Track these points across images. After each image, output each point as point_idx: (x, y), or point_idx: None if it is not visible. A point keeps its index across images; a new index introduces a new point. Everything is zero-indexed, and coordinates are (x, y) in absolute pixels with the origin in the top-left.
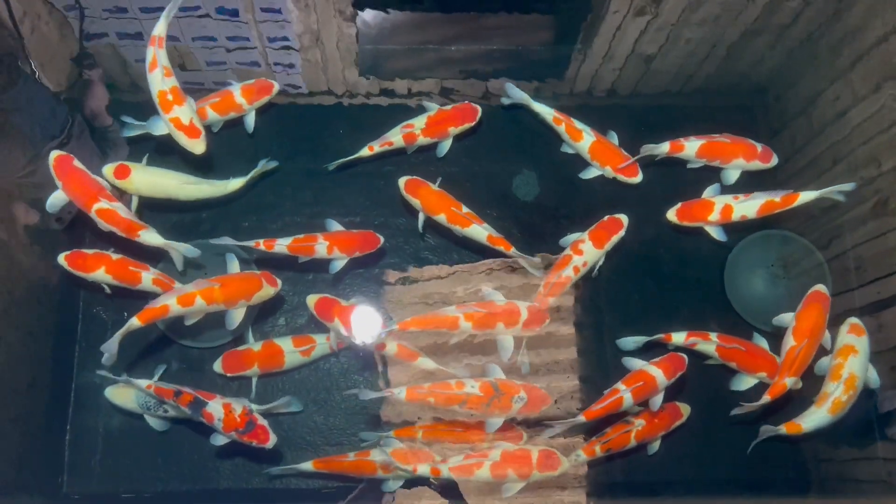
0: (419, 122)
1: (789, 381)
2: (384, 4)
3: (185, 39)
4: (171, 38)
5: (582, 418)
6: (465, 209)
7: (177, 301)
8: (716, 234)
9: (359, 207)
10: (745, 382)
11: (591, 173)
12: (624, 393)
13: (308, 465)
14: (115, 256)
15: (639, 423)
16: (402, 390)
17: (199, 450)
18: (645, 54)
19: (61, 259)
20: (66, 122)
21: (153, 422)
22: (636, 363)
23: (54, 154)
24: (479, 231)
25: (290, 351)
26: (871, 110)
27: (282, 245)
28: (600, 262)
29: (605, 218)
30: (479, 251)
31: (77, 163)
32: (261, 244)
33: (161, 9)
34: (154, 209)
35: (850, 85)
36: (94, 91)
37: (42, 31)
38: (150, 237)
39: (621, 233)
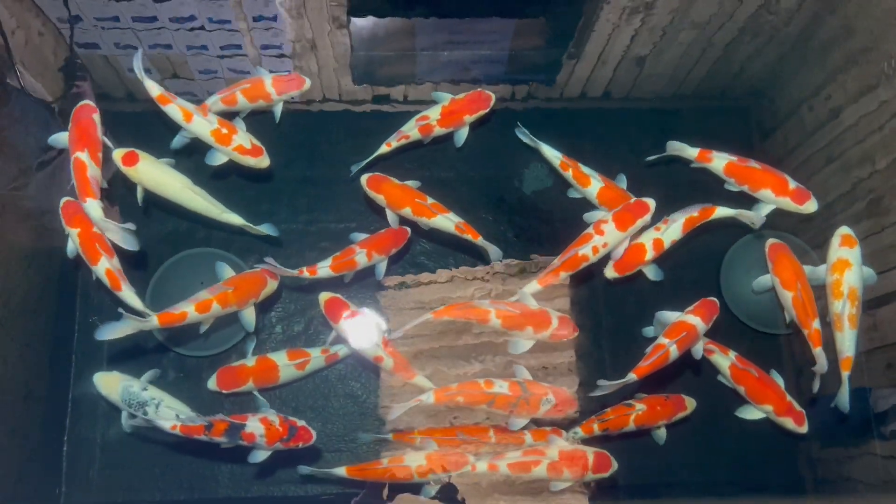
0: (434, 113)
1: (816, 323)
2: (377, 11)
3: (179, 48)
4: (164, 46)
5: (633, 376)
6: (430, 200)
7: (195, 308)
8: (651, 273)
9: (353, 214)
10: (750, 413)
11: (597, 217)
12: (670, 346)
13: (341, 471)
14: (95, 229)
15: (640, 407)
16: (429, 395)
17: (198, 458)
18: (637, 57)
19: (63, 199)
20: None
21: (125, 422)
22: (671, 316)
23: (82, 102)
24: (446, 222)
25: (284, 365)
26: (863, 110)
27: (325, 268)
28: (624, 246)
29: (632, 200)
30: (476, 255)
31: (97, 117)
32: (304, 272)
33: (154, 18)
34: (153, 214)
35: (843, 85)
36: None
37: (35, 43)
38: (92, 209)
39: (647, 217)
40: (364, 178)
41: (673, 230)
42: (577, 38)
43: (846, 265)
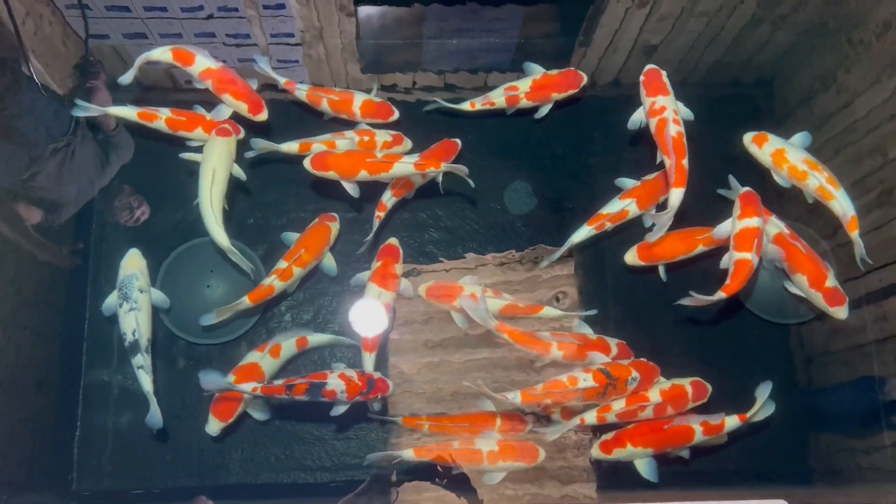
0: (523, 85)
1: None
2: None
3: (188, 37)
4: (174, 35)
5: (722, 294)
6: (379, 154)
7: (278, 279)
8: (458, 321)
9: (362, 202)
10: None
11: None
12: (752, 258)
13: (409, 453)
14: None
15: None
16: (516, 395)
17: (208, 445)
18: (647, 45)
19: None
20: (69, 125)
21: (107, 303)
22: (737, 188)
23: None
24: (405, 167)
25: (260, 359)
26: (875, 99)
27: (390, 199)
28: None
29: (642, 76)
30: (485, 244)
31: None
32: (380, 216)
33: (164, 9)
34: (164, 202)
35: (854, 74)
36: (99, 97)
37: (45, 32)
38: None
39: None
40: (307, 163)
41: (492, 304)
42: (587, 25)
43: (782, 152)
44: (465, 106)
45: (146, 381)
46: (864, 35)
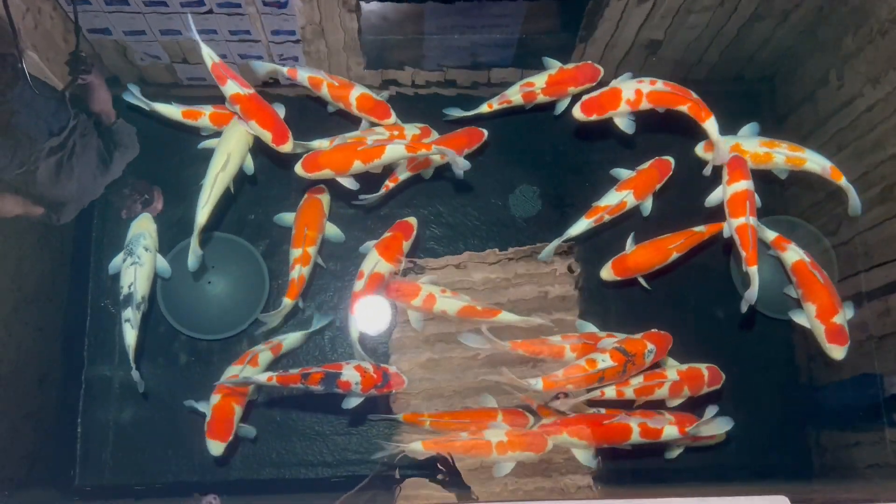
0: (539, 81)
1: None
2: None
3: (188, 33)
4: (174, 31)
5: (752, 269)
6: (370, 140)
7: (302, 266)
8: (413, 320)
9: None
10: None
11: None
12: (749, 220)
13: (417, 445)
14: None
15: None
16: (538, 381)
17: None
18: (649, 41)
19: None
20: (68, 120)
21: (114, 265)
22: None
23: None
24: (397, 149)
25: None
26: (878, 95)
27: (404, 173)
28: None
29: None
30: (487, 240)
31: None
32: (389, 186)
33: (164, 3)
34: (166, 199)
35: (857, 70)
36: (97, 94)
37: (46, 26)
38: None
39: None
40: (298, 168)
41: (449, 304)
42: (587, 21)
43: (737, 147)
44: (483, 108)
45: (130, 336)
46: (866, 31)
